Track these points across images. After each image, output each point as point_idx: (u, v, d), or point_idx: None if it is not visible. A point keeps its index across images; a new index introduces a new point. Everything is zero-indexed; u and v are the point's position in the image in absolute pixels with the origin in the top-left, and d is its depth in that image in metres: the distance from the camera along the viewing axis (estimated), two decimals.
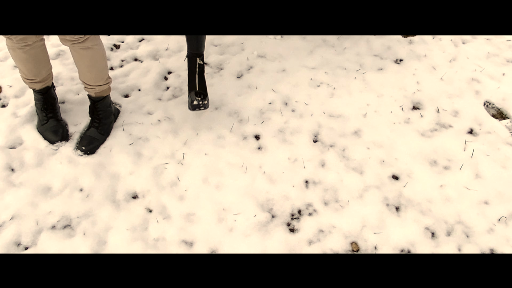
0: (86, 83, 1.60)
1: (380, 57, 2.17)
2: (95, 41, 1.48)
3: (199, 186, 1.60)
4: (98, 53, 1.52)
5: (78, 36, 1.40)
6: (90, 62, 1.52)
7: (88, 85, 1.61)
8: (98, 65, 1.55)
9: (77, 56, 1.50)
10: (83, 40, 1.43)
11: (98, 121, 1.68)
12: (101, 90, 1.63)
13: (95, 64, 1.53)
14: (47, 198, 1.54)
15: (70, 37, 1.40)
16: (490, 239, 1.49)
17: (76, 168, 1.62)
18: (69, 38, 1.41)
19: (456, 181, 1.66)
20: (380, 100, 1.95)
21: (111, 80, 1.65)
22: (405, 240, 1.48)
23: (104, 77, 1.61)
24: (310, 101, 1.93)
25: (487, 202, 1.60)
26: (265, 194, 1.59)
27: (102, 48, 1.54)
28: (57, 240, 1.43)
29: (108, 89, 1.66)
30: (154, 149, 1.71)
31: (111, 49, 2.15)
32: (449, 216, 1.55)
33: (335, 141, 1.78)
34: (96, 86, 1.60)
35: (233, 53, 2.17)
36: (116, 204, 1.54)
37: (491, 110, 1.97)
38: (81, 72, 1.57)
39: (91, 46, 1.47)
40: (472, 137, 1.83)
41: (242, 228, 1.49)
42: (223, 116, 1.85)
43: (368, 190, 1.62)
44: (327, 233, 1.49)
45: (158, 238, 1.45)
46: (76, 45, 1.44)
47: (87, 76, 1.57)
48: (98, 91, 1.62)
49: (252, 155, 1.71)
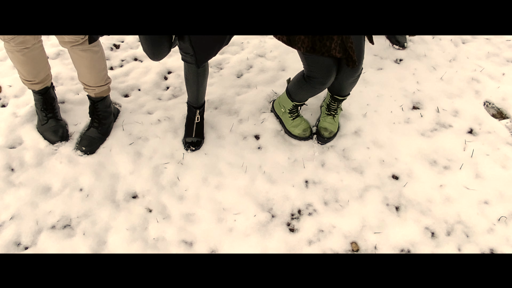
0: (86, 84, 1.60)
1: (380, 56, 2.17)
2: (95, 43, 1.48)
3: (199, 186, 1.60)
4: (97, 55, 1.51)
5: (77, 38, 1.40)
6: (89, 64, 1.51)
7: (87, 86, 1.61)
8: (98, 67, 1.54)
9: (76, 58, 1.50)
10: (82, 42, 1.42)
11: (98, 121, 1.68)
12: (101, 91, 1.63)
13: (94, 65, 1.53)
14: (47, 198, 1.54)
15: (69, 38, 1.39)
16: (490, 239, 1.49)
17: (76, 168, 1.62)
18: (67, 40, 1.40)
19: (456, 181, 1.66)
20: (380, 100, 1.94)
21: (110, 81, 1.65)
22: (405, 240, 1.48)
23: (104, 78, 1.60)
24: (310, 101, 1.92)
25: (487, 202, 1.60)
26: (265, 194, 1.59)
27: (101, 49, 1.54)
28: (57, 240, 1.43)
29: (108, 89, 1.66)
30: (154, 149, 1.71)
31: (110, 48, 2.14)
32: (449, 216, 1.55)
33: (335, 140, 1.78)
34: (95, 87, 1.60)
35: (233, 52, 2.17)
36: (116, 204, 1.54)
37: (491, 110, 1.97)
38: (80, 74, 1.57)
39: (90, 48, 1.47)
40: (472, 137, 1.83)
41: (242, 228, 1.49)
42: (223, 115, 1.85)
43: (368, 190, 1.62)
44: (327, 233, 1.49)
45: (158, 238, 1.45)
46: (75, 47, 1.44)
47: (86, 77, 1.57)
48: (97, 92, 1.62)
49: (252, 155, 1.71)
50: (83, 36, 1.41)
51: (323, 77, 1.46)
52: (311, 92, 1.57)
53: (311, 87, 1.53)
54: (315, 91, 1.55)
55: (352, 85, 1.59)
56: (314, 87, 1.52)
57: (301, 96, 1.63)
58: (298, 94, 1.63)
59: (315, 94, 1.59)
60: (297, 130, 1.74)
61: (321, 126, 1.74)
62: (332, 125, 1.74)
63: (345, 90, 1.61)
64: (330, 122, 1.74)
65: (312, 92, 1.57)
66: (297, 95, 1.64)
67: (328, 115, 1.75)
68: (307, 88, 1.55)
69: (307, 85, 1.53)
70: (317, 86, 1.51)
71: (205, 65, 1.52)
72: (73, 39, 1.40)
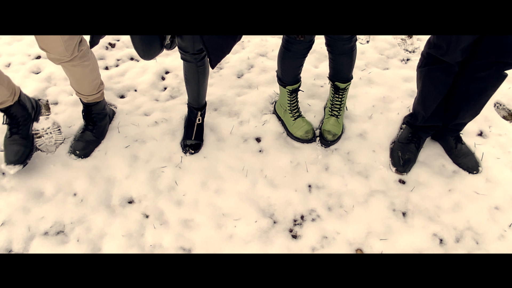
0: (77, 91, 1.57)
1: (386, 56, 2.13)
2: (84, 58, 1.42)
3: (198, 191, 1.57)
4: (88, 68, 1.47)
5: (63, 56, 1.34)
6: (80, 77, 1.48)
7: (79, 93, 1.58)
8: (88, 79, 1.51)
9: (66, 71, 1.47)
10: (70, 59, 1.37)
11: (93, 124, 1.65)
12: (94, 98, 1.60)
13: (85, 78, 1.50)
14: (40, 203, 1.51)
15: (56, 55, 1.33)
16: (501, 246, 1.46)
17: (69, 172, 1.59)
18: (53, 57, 1.35)
19: (465, 185, 1.62)
20: (386, 101, 1.91)
21: (103, 87, 1.62)
22: (412, 247, 1.45)
23: (96, 86, 1.57)
24: (313, 102, 1.89)
25: (498, 207, 1.56)
26: (266, 199, 1.56)
27: (92, 62, 1.48)
28: (49, 246, 1.40)
29: (101, 95, 1.63)
30: (151, 152, 1.68)
31: (106, 47, 2.12)
32: (458, 222, 1.52)
33: (339, 143, 1.74)
34: (87, 95, 1.58)
35: (233, 51, 2.14)
36: (111, 209, 1.51)
37: (501, 112, 1.93)
38: (72, 83, 1.54)
39: (80, 63, 1.42)
40: (482, 139, 1.79)
41: (242, 234, 1.46)
42: (223, 117, 1.81)
43: (373, 195, 1.58)
44: (331, 240, 1.46)
45: (155, 245, 1.42)
46: (64, 64, 1.39)
47: (77, 87, 1.54)
48: (90, 99, 1.60)
49: (253, 158, 1.67)
50: (70, 54, 1.35)
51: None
52: (294, 58, 1.55)
53: (293, 53, 1.53)
54: (297, 56, 1.54)
55: (349, 62, 1.56)
56: (295, 51, 1.52)
57: (288, 70, 1.61)
58: (284, 69, 1.61)
59: (299, 59, 1.56)
60: (299, 132, 1.70)
61: (325, 128, 1.71)
62: (336, 127, 1.70)
63: (343, 70, 1.58)
64: (334, 124, 1.71)
65: (295, 57, 1.55)
66: (284, 71, 1.62)
67: (331, 115, 1.71)
68: (289, 56, 1.54)
69: (288, 53, 1.53)
70: (296, 47, 1.50)
71: (205, 64, 1.48)
72: (60, 57, 1.34)
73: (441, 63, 1.41)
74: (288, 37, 1.50)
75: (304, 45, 1.50)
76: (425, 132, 1.67)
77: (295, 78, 1.66)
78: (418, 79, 1.56)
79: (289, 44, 1.51)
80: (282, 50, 1.56)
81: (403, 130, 1.74)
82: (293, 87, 1.67)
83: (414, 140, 1.66)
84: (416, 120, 1.65)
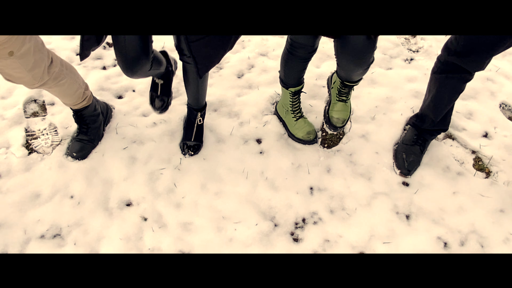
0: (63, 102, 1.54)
1: (389, 55, 2.10)
2: (57, 78, 1.34)
3: (197, 193, 1.56)
4: (65, 85, 1.41)
5: (34, 81, 1.26)
6: (58, 94, 1.45)
7: (65, 104, 1.55)
8: (69, 93, 1.45)
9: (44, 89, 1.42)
10: (42, 84, 1.30)
11: (86, 126, 1.61)
12: (81, 105, 1.55)
13: (65, 94, 1.45)
14: (36, 206, 1.50)
15: (28, 81, 1.25)
16: (506, 250, 1.45)
17: (66, 174, 1.57)
18: (29, 83, 1.27)
19: (470, 187, 1.60)
20: (389, 102, 1.88)
21: (89, 92, 1.55)
22: (416, 251, 1.44)
23: (79, 96, 1.51)
24: (315, 102, 1.86)
25: (503, 210, 1.54)
26: (267, 201, 1.55)
27: (69, 77, 1.40)
28: (46, 250, 1.39)
29: (88, 100, 1.56)
30: (150, 153, 1.66)
31: (103, 47, 2.09)
32: (463, 225, 1.50)
33: (341, 145, 1.71)
34: (73, 105, 1.54)
35: (233, 51, 2.11)
36: (109, 212, 1.49)
37: (507, 112, 1.90)
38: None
39: (54, 84, 1.36)
40: (487, 140, 1.76)
41: (242, 237, 1.45)
42: (223, 118, 1.79)
43: (376, 198, 1.57)
44: (333, 243, 1.45)
45: (153, 248, 1.41)
46: (38, 88, 1.32)
47: (61, 100, 1.51)
48: (78, 107, 1.55)
49: (253, 160, 1.66)
50: (38, 81, 1.27)
51: (305, 40, 1.43)
52: (297, 61, 1.53)
53: (296, 57, 1.51)
54: (301, 60, 1.52)
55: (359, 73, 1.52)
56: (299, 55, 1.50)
57: (291, 73, 1.58)
58: (287, 72, 1.59)
59: (302, 63, 1.54)
60: (301, 133, 1.67)
61: (332, 115, 1.65)
62: (344, 112, 1.65)
63: (353, 77, 1.55)
64: (341, 109, 1.65)
65: (298, 61, 1.52)
66: (287, 74, 1.59)
67: (339, 101, 1.66)
68: (293, 59, 1.52)
69: (292, 56, 1.51)
70: (300, 52, 1.48)
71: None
72: (31, 83, 1.26)
73: (460, 72, 1.37)
74: (292, 41, 1.48)
75: (308, 49, 1.47)
76: (431, 135, 1.64)
77: (298, 80, 1.63)
78: (431, 84, 1.53)
79: (293, 48, 1.48)
80: (286, 53, 1.54)
81: (407, 131, 1.71)
82: (296, 89, 1.65)
83: (419, 142, 1.64)
84: (424, 123, 1.62)
